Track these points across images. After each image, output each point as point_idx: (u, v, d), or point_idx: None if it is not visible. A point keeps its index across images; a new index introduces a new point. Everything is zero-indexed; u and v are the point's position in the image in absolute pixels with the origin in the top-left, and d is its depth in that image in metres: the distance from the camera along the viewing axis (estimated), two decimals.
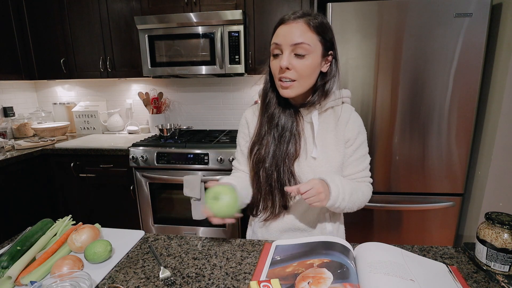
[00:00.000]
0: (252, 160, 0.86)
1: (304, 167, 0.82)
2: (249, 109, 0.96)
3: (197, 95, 2.40)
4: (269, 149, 0.83)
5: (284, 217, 0.88)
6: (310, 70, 0.76)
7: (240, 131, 0.96)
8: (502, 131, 1.43)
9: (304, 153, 0.83)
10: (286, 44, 0.74)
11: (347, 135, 0.84)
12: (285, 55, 0.75)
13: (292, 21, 0.74)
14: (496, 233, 0.65)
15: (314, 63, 0.76)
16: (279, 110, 0.84)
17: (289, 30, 0.74)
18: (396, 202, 1.64)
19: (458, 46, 1.43)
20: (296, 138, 0.83)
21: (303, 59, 0.75)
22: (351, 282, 0.59)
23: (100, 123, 2.44)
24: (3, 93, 2.33)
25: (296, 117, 0.84)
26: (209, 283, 0.65)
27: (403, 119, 1.55)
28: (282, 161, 0.82)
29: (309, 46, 0.74)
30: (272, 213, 0.86)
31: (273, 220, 0.89)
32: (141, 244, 0.82)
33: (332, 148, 0.83)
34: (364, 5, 1.46)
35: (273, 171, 0.82)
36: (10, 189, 1.78)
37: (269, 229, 0.90)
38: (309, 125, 0.84)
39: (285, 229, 0.89)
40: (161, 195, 1.91)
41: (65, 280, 0.59)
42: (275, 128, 0.84)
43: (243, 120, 0.95)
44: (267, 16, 1.87)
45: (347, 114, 0.85)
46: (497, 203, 1.51)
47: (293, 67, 0.75)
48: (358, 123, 0.86)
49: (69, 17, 2.09)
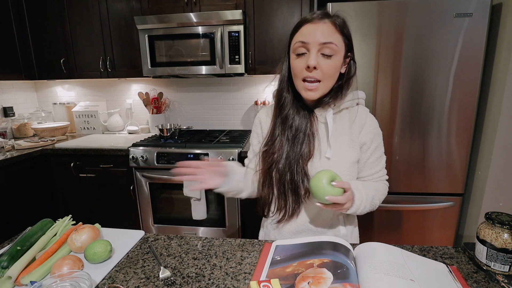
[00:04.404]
0: (265, 160, 0.86)
1: (318, 168, 0.81)
2: (263, 109, 0.96)
3: (197, 95, 2.40)
4: (282, 150, 0.82)
5: (297, 219, 0.87)
6: (334, 71, 0.77)
7: (253, 131, 0.96)
8: (502, 131, 1.43)
9: (318, 153, 0.83)
10: (314, 43, 0.73)
11: (362, 139, 0.83)
12: (313, 54, 0.74)
13: (319, 20, 0.74)
14: (496, 233, 0.65)
15: (338, 64, 0.77)
16: (294, 111, 0.83)
17: (317, 29, 0.73)
18: (396, 202, 1.64)
19: (458, 46, 1.43)
20: (310, 139, 0.82)
21: (329, 59, 0.74)
22: (351, 282, 0.59)
23: (100, 123, 2.44)
24: (3, 93, 2.33)
25: (310, 118, 0.83)
26: (209, 283, 0.65)
27: (403, 119, 1.55)
28: (295, 162, 0.81)
29: (336, 47, 0.74)
30: (285, 214, 0.86)
31: (286, 222, 0.88)
32: (141, 244, 0.82)
33: (346, 148, 0.83)
34: (364, 5, 1.46)
35: (286, 172, 0.82)
36: (10, 189, 1.78)
37: (282, 231, 0.90)
38: (324, 125, 0.84)
39: (298, 231, 0.88)
40: (161, 195, 1.91)
41: (65, 280, 0.59)
42: (289, 129, 0.83)
43: (257, 120, 0.95)
44: (267, 16, 1.87)
45: (362, 117, 0.84)
46: (497, 203, 1.51)
47: (319, 67, 0.74)
48: (373, 126, 0.85)
49: (69, 17, 2.09)
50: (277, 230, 0.91)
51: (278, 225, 0.89)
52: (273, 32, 1.89)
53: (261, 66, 1.95)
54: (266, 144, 0.86)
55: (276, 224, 0.89)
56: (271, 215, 0.89)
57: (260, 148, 0.88)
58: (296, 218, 0.87)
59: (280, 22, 1.87)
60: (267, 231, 0.95)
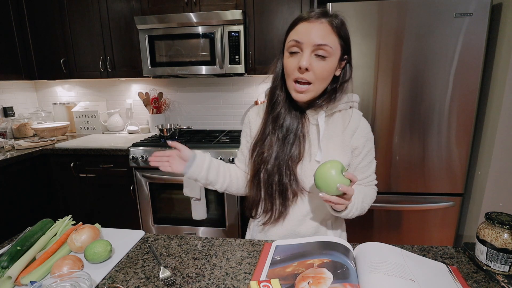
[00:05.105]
0: (253, 160, 0.84)
1: (307, 170, 0.80)
2: (253, 108, 0.94)
3: (197, 95, 2.40)
4: (272, 150, 0.80)
5: (283, 222, 0.85)
6: (327, 73, 0.74)
7: (243, 130, 0.95)
8: (502, 131, 1.43)
9: (308, 155, 0.81)
10: (309, 43, 0.71)
11: (354, 144, 0.82)
12: (306, 55, 0.71)
13: (315, 19, 0.71)
14: (496, 233, 0.65)
15: (332, 67, 0.74)
16: (285, 110, 0.81)
17: (313, 29, 0.70)
18: (396, 202, 1.64)
19: (458, 46, 1.43)
20: (300, 140, 0.80)
21: (323, 61, 0.72)
22: (351, 282, 0.59)
23: (100, 123, 2.44)
24: (3, 93, 2.33)
25: (302, 119, 0.81)
26: (209, 283, 0.65)
27: (403, 119, 1.55)
28: (285, 163, 0.79)
29: (331, 49, 0.71)
30: (271, 216, 0.84)
31: (272, 225, 0.86)
32: (141, 244, 0.82)
33: (337, 152, 0.81)
34: (364, 5, 1.46)
35: (274, 173, 0.80)
36: (10, 189, 1.78)
37: (268, 234, 0.88)
38: (315, 127, 0.82)
39: (284, 235, 0.86)
40: (161, 195, 1.91)
41: (65, 280, 0.59)
42: (280, 129, 0.81)
43: (246, 120, 0.93)
44: (267, 16, 1.87)
45: (355, 121, 0.82)
46: (497, 203, 1.51)
47: (311, 69, 0.72)
48: (366, 130, 0.83)
49: (69, 17, 2.09)
50: (262, 232, 0.89)
51: (264, 227, 0.88)
52: (273, 32, 1.89)
53: (261, 66, 1.95)
54: (256, 143, 0.84)
55: (262, 226, 0.88)
56: (257, 217, 0.88)
57: (249, 147, 0.87)
58: (283, 221, 0.85)
59: (280, 22, 1.87)
60: (253, 233, 0.94)
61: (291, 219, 0.85)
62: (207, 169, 0.85)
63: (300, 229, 0.85)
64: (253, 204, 0.87)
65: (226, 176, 0.89)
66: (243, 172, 0.93)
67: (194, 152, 0.86)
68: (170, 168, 0.82)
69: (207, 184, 0.88)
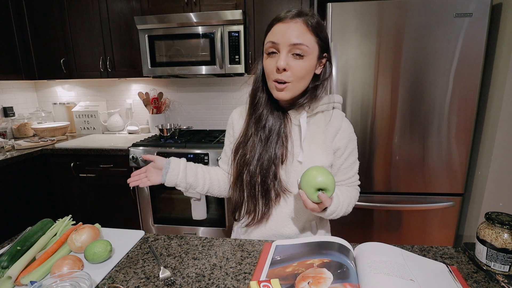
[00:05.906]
0: (236, 161, 0.83)
1: (289, 171, 0.80)
2: (237, 109, 0.94)
3: (197, 95, 2.40)
4: (255, 151, 0.80)
5: (266, 223, 0.84)
6: (306, 72, 0.74)
7: (226, 131, 0.95)
8: (502, 131, 1.43)
9: (291, 156, 0.80)
10: (284, 43, 0.71)
11: (337, 145, 0.82)
12: (283, 55, 0.71)
13: (290, 19, 0.71)
14: (496, 233, 0.65)
15: (310, 65, 0.74)
16: (267, 111, 0.81)
17: (288, 29, 0.71)
18: (396, 202, 1.64)
19: (458, 46, 1.43)
20: (283, 141, 0.80)
21: (300, 60, 0.72)
22: (351, 282, 0.59)
23: (100, 123, 2.44)
24: (3, 93, 2.33)
25: (284, 119, 0.81)
26: (209, 283, 0.65)
27: (403, 119, 1.55)
28: (267, 164, 0.79)
29: (308, 48, 0.71)
30: (254, 217, 0.83)
31: (256, 227, 0.85)
32: (141, 244, 0.82)
33: (319, 153, 0.81)
34: (364, 5, 1.46)
35: (257, 174, 0.79)
36: (10, 189, 1.78)
37: (251, 236, 0.88)
38: (297, 128, 0.81)
39: (268, 236, 0.86)
40: (161, 195, 1.91)
41: (65, 280, 0.59)
42: (262, 129, 0.80)
43: (230, 120, 0.93)
44: (267, 16, 1.87)
45: (337, 122, 0.82)
46: (497, 203, 1.51)
47: (290, 68, 0.72)
48: (348, 131, 0.83)
49: (69, 17, 2.09)
50: (246, 234, 0.89)
51: (247, 229, 0.87)
52: None
53: None
54: (239, 144, 0.84)
55: (245, 228, 0.87)
56: (241, 219, 0.87)
57: (232, 148, 0.86)
58: (266, 222, 0.84)
59: None
60: (237, 235, 0.93)
61: (274, 220, 0.84)
62: (183, 171, 0.85)
63: (284, 230, 0.84)
64: (236, 206, 0.87)
65: (206, 178, 0.89)
66: (225, 174, 0.93)
67: (168, 159, 0.86)
68: (149, 182, 0.83)
69: (187, 188, 0.87)
